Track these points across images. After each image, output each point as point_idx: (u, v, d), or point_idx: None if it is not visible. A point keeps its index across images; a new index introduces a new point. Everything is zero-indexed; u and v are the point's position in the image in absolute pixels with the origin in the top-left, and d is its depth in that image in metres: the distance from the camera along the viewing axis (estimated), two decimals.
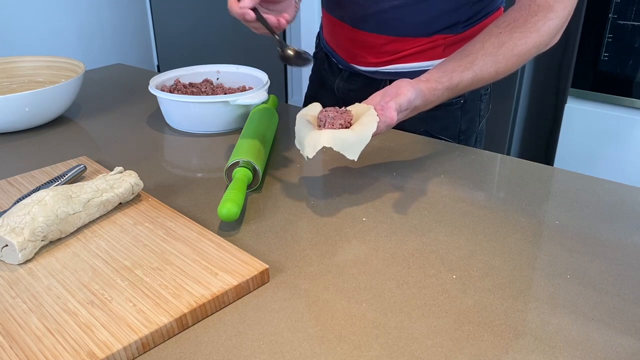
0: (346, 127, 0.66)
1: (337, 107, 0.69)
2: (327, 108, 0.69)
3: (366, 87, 1.00)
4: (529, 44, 0.75)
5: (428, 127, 0.98)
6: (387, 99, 0.69)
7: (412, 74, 0.79)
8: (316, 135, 0.64)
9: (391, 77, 0.99)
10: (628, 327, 0.50)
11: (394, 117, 0.67)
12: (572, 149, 1.78)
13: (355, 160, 0.63)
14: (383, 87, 0.73)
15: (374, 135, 0.66)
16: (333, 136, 0.63)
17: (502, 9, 0.99)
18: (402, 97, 0.69)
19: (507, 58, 0.75)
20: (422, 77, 0.73)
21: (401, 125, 0.90)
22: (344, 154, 0.64)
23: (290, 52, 0.80)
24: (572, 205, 0.71)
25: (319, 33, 1.17)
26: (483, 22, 0.94)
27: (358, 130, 0.65)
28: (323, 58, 1.13)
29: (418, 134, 0.95)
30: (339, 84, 1.08)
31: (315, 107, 0.72)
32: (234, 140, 0.83)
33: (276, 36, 0.78)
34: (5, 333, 0.47)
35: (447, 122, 1.00)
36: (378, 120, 0.66)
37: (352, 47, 1.02)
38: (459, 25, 0.93)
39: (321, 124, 0.67)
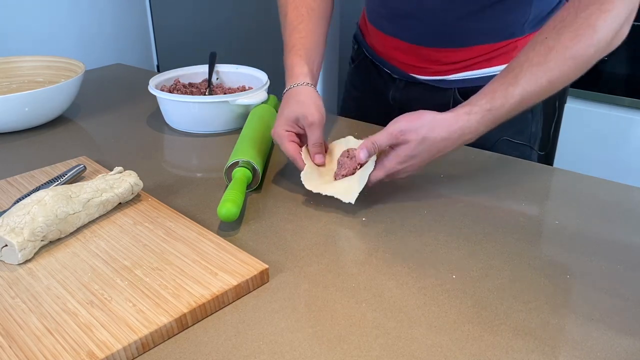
0: (351, 173, 0.69)
1: (351, 151, 0.71)
2: (348, 151, 0.71)
3: (428, 96, 0.93)
4: (583, 43, 0.64)
5: (504, 134, 0.90)
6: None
7: (485, 80, 0.70)
8: (314, 183, 0.69)
9: (460, 85, 0.91)
10: (628, 327, 0.50)
11: (360, 158, 0.67)
12: (572, 149, 1.78)
13: (352, 203, 0.66)
14: (449, 97, 0.68)
15: (373, 184, 0.68)
16: (319, 188, 0.69)
17: None
18: (378, 134, 0.67)
19: (560, 63, 0.65)
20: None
21: (484, 136, 0.73)
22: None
23: None
24: (572, 205, 0.71)
25: (356, 37, 1.08)
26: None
27: (349, 180, 0.68)
28: (370, 66, 1.04)
29: (496, 141, 0.89)
30: (394, 94, 0.99)
31: (348, 142, 0.76)
32: (233, 140, 0.82)
33: None
34: (5, 333, 0.47)
35: (521, 126, 0.94)
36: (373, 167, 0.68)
37: (411, 60, 0.94)
38: (528, 24, 0.86)
39: (339, 166, 0.71)
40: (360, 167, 0.69)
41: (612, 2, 0.64)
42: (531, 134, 0.95)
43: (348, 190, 0.67)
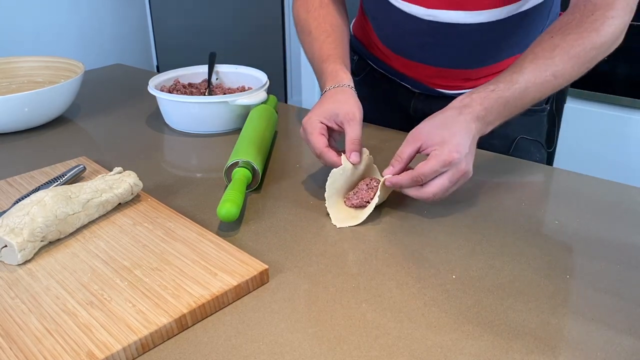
0: (361, 205, 0.69)
1: (371, 183, 0.70)
2: (371, 179, 0.71)
3: None
4: (587, 45, 0.68)
5: (524, 133, 0.94)
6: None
7: None
8: (333, 208, 0.69)
9: None
10: (628, 327, 0.50)
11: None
12: (571, 148, 1.78)
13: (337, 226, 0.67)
14: None
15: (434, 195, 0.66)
16: (334, 216, 0.68)
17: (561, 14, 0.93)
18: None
19: (564, 60, 0.68)
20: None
21: (500, 132, 0.75)
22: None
23: None
24: (572, 205, 0.71)
25: (354, 49, 1.03)
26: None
27: (357, 211, 0.69)
28: (379, 79, 1.02)
29: (515, 139, 0.92)
30: (416, 105, 0.99)
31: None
32: (233, 141, 0.82)
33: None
34: (5, 334, 0.47)
35: (540, 129, 0.97)
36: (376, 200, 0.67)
37: (439, 81, 0.94)
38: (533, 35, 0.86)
39: (355, 190, 0.71)
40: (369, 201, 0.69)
41: (615, 10, 0.69)
42: (547, 137, 0.98)
43: (343, 220, 0.67)
